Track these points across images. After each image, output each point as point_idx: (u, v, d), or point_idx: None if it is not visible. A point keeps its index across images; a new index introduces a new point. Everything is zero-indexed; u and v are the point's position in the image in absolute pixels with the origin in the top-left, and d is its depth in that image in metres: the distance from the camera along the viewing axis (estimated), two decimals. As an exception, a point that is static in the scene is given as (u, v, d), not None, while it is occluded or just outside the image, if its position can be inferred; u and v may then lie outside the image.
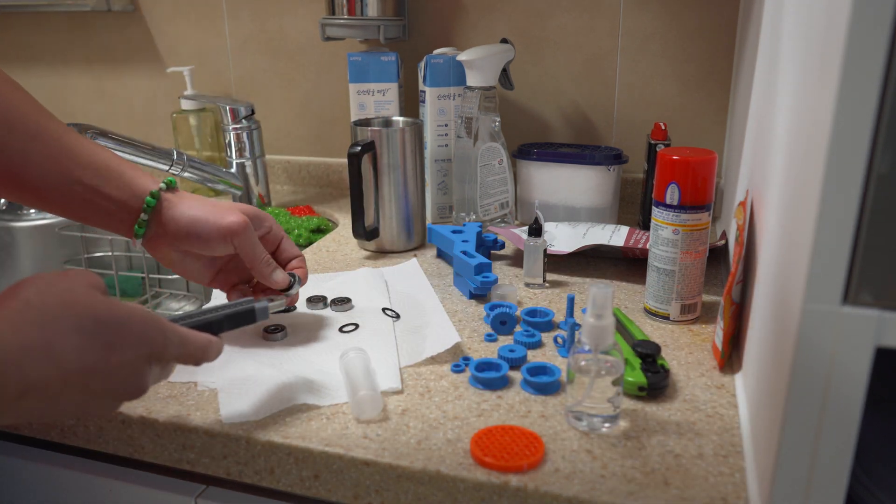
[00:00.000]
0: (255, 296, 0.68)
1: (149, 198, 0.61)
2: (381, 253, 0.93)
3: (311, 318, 0.72)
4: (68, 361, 0.40)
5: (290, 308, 0.71)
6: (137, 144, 0.99)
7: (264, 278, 0.65)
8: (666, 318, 0.71)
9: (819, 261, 0.36)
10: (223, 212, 0.63)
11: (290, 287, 0.66)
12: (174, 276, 1.17)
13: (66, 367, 0.40)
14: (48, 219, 1.23)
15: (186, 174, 1.04)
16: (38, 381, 0.39)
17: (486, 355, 0.65)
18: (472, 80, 0.95)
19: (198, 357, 0.50)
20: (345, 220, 1.08)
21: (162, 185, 0.63)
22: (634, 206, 1.12)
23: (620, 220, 1.06)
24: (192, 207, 0.63)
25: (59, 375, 0.40)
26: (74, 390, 0.41)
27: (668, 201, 0.68)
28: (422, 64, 1.02)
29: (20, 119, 0.57)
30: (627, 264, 0.88)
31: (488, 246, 0.89)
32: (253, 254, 0.64)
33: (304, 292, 0.78)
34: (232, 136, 1.15)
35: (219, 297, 0.77)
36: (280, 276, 0.65)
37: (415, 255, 0.93)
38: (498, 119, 0.97)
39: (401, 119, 0.98)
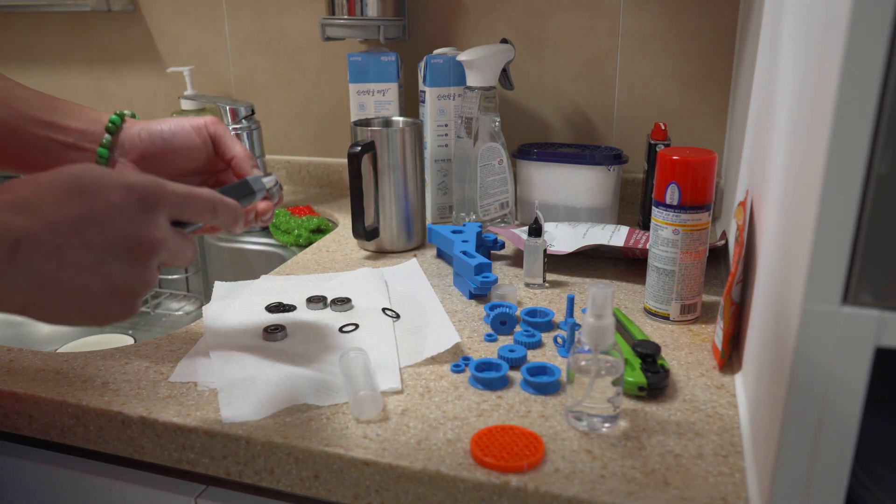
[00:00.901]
0: (211, 230, 0.62)
1: (113, 116, 0.60)
2: (381, 253, 0.93)
3: (311, 318, 0.72)
4: (49, 212, 0.40)
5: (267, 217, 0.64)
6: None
7: (247, 173, 0.62)
8: (666, 318, 0.71)
9: (819, 261, 0.36)
10: (187, 125, 0.61)
11: (275, 185, 0.60)
12: (174, 276, 1.17)
13: (49, 217, 0.40)
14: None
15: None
16: (25, 232, 0.39)
17: (486, 355, 0.65)
18: (472, 80, 0.95)
19: (207, 205, 0.47)
20: (345, 220, 1.08)
21: (121, 111, 0.61)
22: (634, 206, 1.12)
23: (620, 220, 1.06)
24: (157, 122, 0.62)
25: (45, 226, 0.39)
26: (72, 243, 0.40)
27: (668, 201, 0.68)
28: (422, 64, 1.02)
29: None
30: (627, 264, 0.88)
31: (488, 246, 0.89)
32: (233, 145, 0.61)
33: (304, 292, 0.78)
34: (232, 136, 1.15)
35: (219, 298, 0.77)
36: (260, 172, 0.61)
37: (415, 255, 0.93)
38: (498, 119, 0.97)
39: (401, 119, 0.98)
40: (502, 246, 0.90)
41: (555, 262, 0.88)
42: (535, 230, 0.79)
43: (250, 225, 0.60)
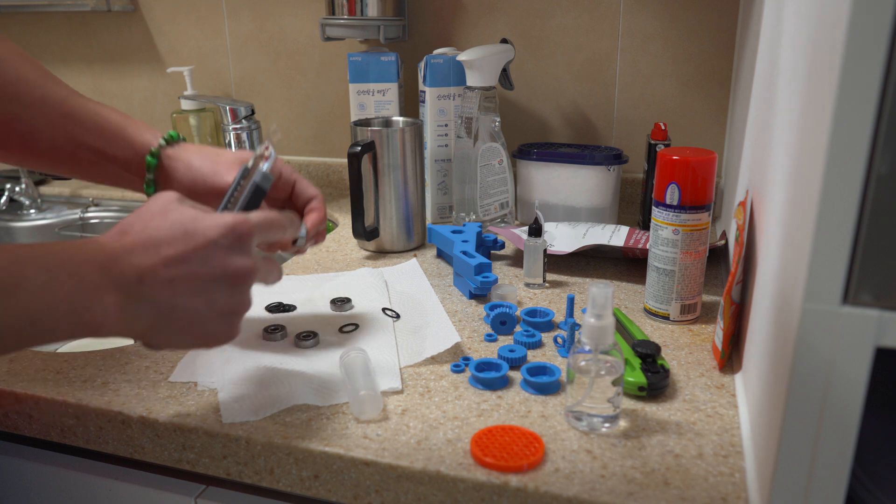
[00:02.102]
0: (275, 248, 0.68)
1: (149, 157, 0.63)
2: (381, 253, 0.93)
3: (312, 318, 0.72)
4: (163, 251, 0.47)
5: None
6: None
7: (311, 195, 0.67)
8: (666, 318, 0.71)
9: (819, 261, 0.36)
10: (223, 168, 0.63)
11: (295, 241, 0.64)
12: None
13: (163, 255, 0.47)
14: (48, 219, 1.24)
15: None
16: (147, 268, 0.47)
17: (486, 355, 0.65)
18: (472, 80, 0.95)
19: (284, 223, 0.55)
20: (345, 220, 1.08)
21: (161, 141, 0.63)
22: (634, 206, 1.12)
23: (620, 220, 1.06)
24: (192, 165, 0.63)
25: (161, 263, 0.47)
26: (183, 275, 0.48)
27: (668, 201, 0.68)
28: (422, 64, 1.02)
29: (25, 87, 0.60)
30: (627, 264, 0.88)
31: (488, 246, 0.89)
32: (303, 184, 0.66)
33: (304, 292, 0.78)
34: (232, 137, 1.15)
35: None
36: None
37: (415, 255, 0.93)
38: (498, 119, 0.97)
39: (401, 119, 0.98)
40: (502, 246, 0.90)
41: (555, 262, 0.88)
42: (535, 230, 0.79)
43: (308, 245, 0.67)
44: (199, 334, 0.50)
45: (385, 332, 0.68)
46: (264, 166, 0.59)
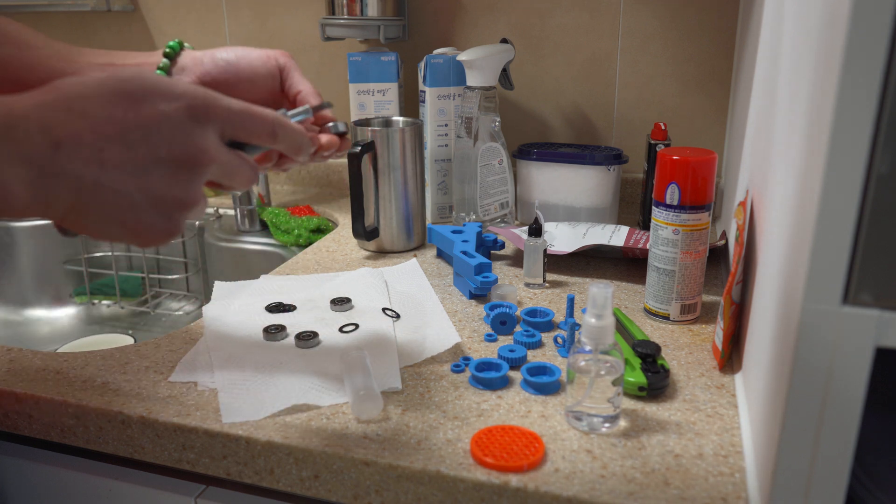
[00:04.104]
0: (281, 161, 0.58)
1: (172, 42, 0.57)
2: (381, 253, 0.93)
3: (312, 318, 0.72)
4: (93, 114, 0.38)
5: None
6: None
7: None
8: (666, 318, 0.71)
9: (819, 261, 0.36)
10: (253, 56, 0.58)
11: (343, 131, 0.57)
12: (174, 276, 1.17)
13: (93, 119, 0.38)
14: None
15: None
16: (67, 133, 0.38)
17: (486, 355, 0.65)
18: (472, 80, 0.95)
19: (267, 124, 0.45)
20: (345, 220, 1.08)
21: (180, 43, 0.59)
22: (634, 206, 1.12)
23: (620, 220, 1.06)
24: (224, 49, 0.59)
25: (88, 126, 0.38)
26: (115, 145, 0.39)
27: (668, 201, 0.68)
28: (422, 64, 1.02)
29: (18, 36, 0.57)
30: (627, 264, 0.88)
31: (488, 246, 0.89)
32: (300, 80, 0.58)
33: (304, 292, 0.78)
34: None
35: (219, 297, 0.77)
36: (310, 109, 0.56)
37: (415, 255, 0.93)
38: (498, 119, 0.97)
39: (401, 119, 0.98)
40: (502, 246, 0.90)
41: (555, 262, 0.88)
42: (535, 230, 0.79)
43: (314, 159, 0.57)
44: (129, 224, 0.41)
45: (385, 332, 0.68)
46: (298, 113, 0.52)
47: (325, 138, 0.57)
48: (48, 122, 0.37)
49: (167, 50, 0.58)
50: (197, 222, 1.16)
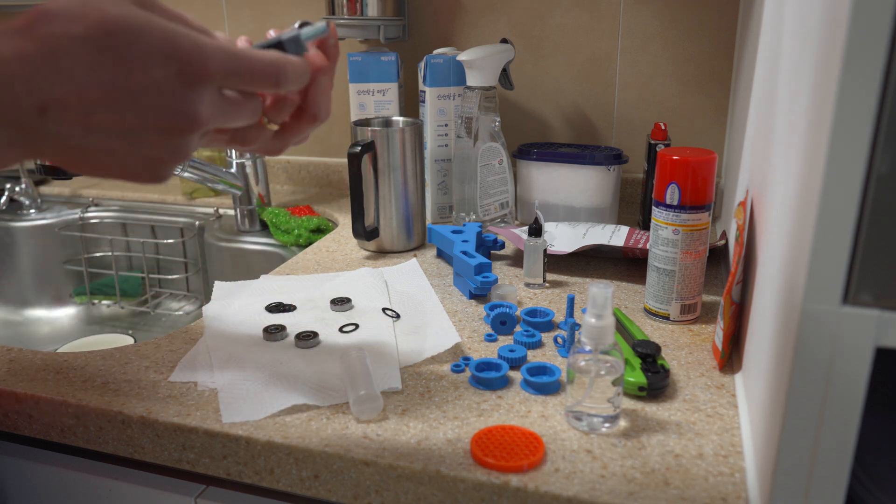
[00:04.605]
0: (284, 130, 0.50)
1: None
2: (381, 253, 0.93)
3: (312, 318, 0.72)
4: (80, 77, 0.37)
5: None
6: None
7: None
8: (666, 318, 0.71)
9: (819, 261, 0.36)
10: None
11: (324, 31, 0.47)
12: (174, 276, 1.17)
13: (80, 82, 0.37)
14: (48, 219, 1.24)
15: (186, 174, 1.04)
16: (54, 97, 0.36)
17: (486, 355, 0.65)
18: (472, 80, 0.95)
19: (269, 73, 0.41)
20: (345, 220, 1.08)
21: None
22: (634, 206, 1.12)
23: (620, 220, 1.06)
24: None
25: (75, 91, 0.37)
26: (102, 110, 0.37)
27: (668, 201, 0.68)
28: (422, 64, 1.02)
29: None
30: (627, 264, 0.88)
31: (488, 246, 0.89)
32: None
33: (304, 292, 0.78)
34: (232, 136, 1.15)
35: (219, 297, 0.77)
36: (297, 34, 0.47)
37: (415, 255, 0.93)
38: (498, 119, 0.97)
39: (401, 119, 0.98)
40: (502, 246, 0.90)
41: (555, 262, 0.88)
42: (535, 230, 0.79)
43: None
44: (115, 169, 0.40)
45: (385, 332, 0.68)
46: (306, 28, 0.46)
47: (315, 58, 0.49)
48: (34, 83, 0.36)
49: None
50: (197, 222, 1.16)
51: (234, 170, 1.15)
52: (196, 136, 0.41)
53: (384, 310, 0.72)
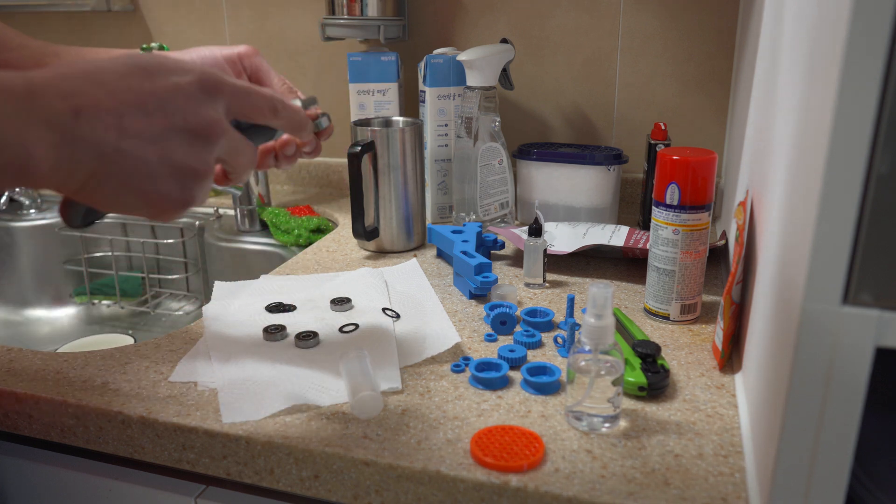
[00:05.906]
0: (281, 158, 0.60)
1: (145, 46, 0.60)
2: (381, 253, 0.93)
3: (312, 318, 0.72)
4: (111, 82, 0.40)
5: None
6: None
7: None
8: (666, 318, 0.71)
9: (819, 261, 0.36)
10: (221, 47, 0.60)
11: (319, 116, 0.56)
12: (174, 276, 1.17)
13: (111, 85, 0.40)
14: (48, 219, 1.24)
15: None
16: (87, 101, 0.39)
17: (486, 355, 0.65)
18: (472, 80, 0.95)
19: (269, 99, 0.48)
20: (345, 220, 1.08)
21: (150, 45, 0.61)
22: (634, 206, 1.12)
23: (620, 220, 1.06)
24: (185, 52, 0.60)
25: (106, 94, 0.40)
26: (133, 113, 0.40)
27: (668, 201, 0.68)
28: (422, 64, 1.02)
29: (4, 34, 0.58)
30: (627, 264, 0.88)
31: (488, 246, 0.89)
32: (271, 78, 0.60)
33: (304, 292, 0.78)
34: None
35: (219, 298, 0.77)
36: (300, 104, 0.57)
37: (415, 255, 0.93)
38: (498, 119, 0.97)
39: (401, 119, 0.98)
40: (502, 246, 0.90)
41: (555, 262, 0.88)
42: (535, 230, 0.79)
43: (296, 157, 0.60)
44: (146, 192, 0.42)
45: (385, 332, 0.68)
46: (312, 107, 0.54)
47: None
48: (68, 89, 0.39)
49: (143, 47, 0.59)
50: (197, 222, 1.16)
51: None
52: (216, 146, 0.44)
53: (384, 310, 0.72)
